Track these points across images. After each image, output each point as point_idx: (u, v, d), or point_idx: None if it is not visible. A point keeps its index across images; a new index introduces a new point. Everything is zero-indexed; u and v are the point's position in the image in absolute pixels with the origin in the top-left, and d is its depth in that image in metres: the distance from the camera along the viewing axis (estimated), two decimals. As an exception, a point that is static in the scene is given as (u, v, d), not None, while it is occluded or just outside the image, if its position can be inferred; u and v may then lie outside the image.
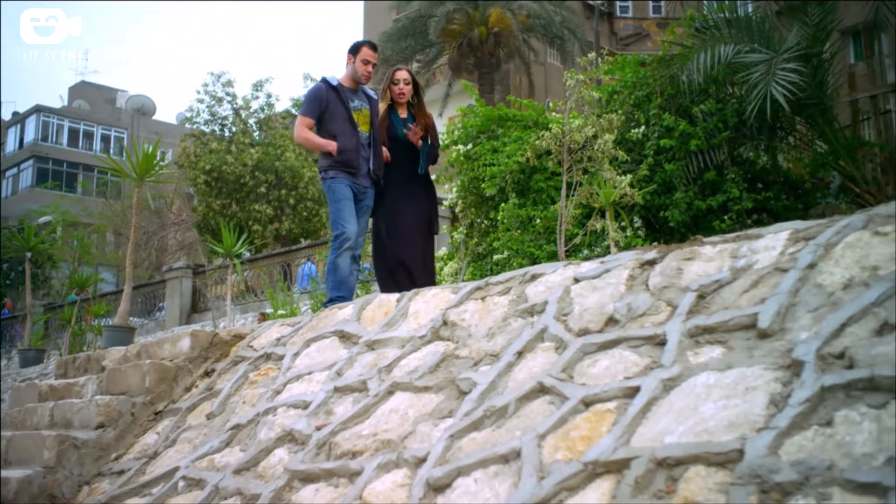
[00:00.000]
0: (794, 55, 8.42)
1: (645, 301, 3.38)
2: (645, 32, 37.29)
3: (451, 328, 4.18)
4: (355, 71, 6.62)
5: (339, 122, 6.49)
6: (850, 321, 2.61)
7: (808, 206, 9.89)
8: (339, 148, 6.41)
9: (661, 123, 8.84)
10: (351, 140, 6.47)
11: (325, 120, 6.52)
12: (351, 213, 6.46)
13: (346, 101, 6.55)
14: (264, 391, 4.69)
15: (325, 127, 6.53)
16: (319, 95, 6.53)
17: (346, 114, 6.51)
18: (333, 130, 6.48)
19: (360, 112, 6.61)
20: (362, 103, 6.67)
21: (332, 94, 6.54)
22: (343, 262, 6.46)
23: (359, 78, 6.64)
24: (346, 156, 6.43)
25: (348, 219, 6.43)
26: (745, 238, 3.43)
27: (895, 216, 2.99)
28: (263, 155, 26.67)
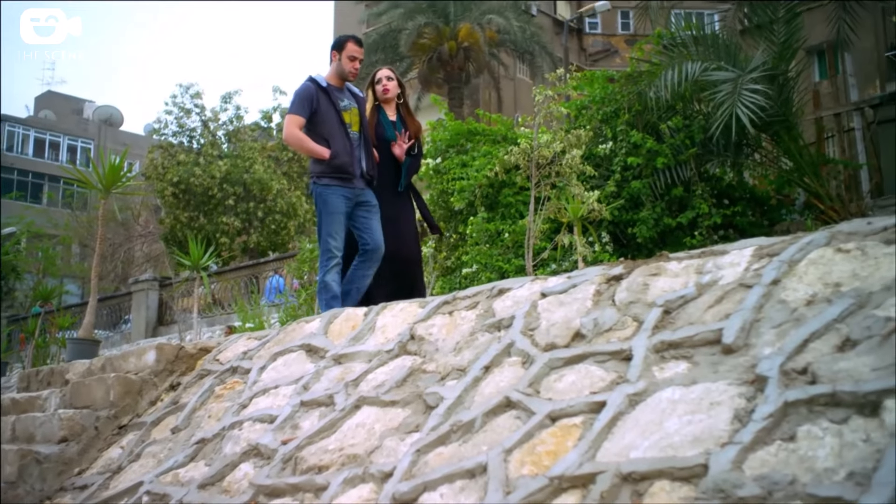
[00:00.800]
0: (760, 74, 8.52)
1: (611, 316, 3.40)
2: (613, 49, 37.60)
3: (418, 342, 4.18)
4: (341, 68, 6.31)
5: (330, 125, 6.17)
6: (812, 337, 2.64)
7: (773, 222, 10.00)
8: (332, 153, 6.09)
9: (629, 140, 8.91)
10: (344, 144, 6.15)
11: (316, 122, 6.18)
12: (341, 227, 6.14)
13: (335, 102, 6.23)
14: (230, 405, 4.66)
15: (315, 129, 6.20)
16: (309, 94, 6.18)
17: (336, 116, 6.19)
18: (324, 133, 6.16)
19: (349, 111, 6.29)
20: (350, 102, 6.36)
21: (322, 94, 6.22)
22: (332, 279, 6.10)
23: (346, 75, 6.34)
24: (339, 160, 6.10)
25: (337, 234, 6.12)
26: (711, 254, 3.46)
27: (857, 233, 3.03)
28: (232, 167, 26.58)
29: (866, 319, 2.59)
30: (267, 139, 29.42)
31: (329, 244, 6.10)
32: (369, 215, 6.22)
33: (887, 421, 2.19)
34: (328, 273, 6.09)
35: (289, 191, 27.41)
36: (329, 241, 6.10)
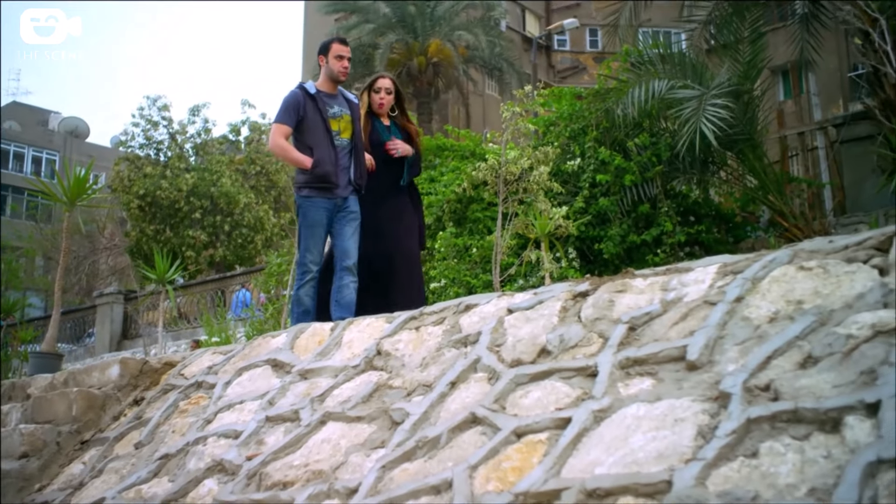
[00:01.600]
0: (724, 91, 8.61)
1: (577, 333, 3.41)
2: (582, 66, 37.85)
3: (384, 358, 4.17)
4: (331, 70, 6.17)
5: (315, 133, 6.02)
6: (775, 354, 2.67)
7: (738, 239, 10.10)
8: (314, 161, 5.94)
9: (597, 157, 8.97)
10: (328, 152, 5.99)
11: (302, 130, 6.04)
12: (319, 241, 6.03)
13: (323, 111, 6.07)
14: (194, 420, 4.62)
15: (300, 138, 6.06)
16: (296, 102, 6.05)
17: (323, 124, 6.03)
18: (309, 142, 6.02)
19: (339, 118, 6.13)
20: (342, 108, 6.19)
21: (310, 102, 6.07)
22: (305, 293, 5.99)
23: (336, 76, 6.18)
24: (322, 169, 5.93)
25: (314, 248, 6.01)
26: (676, 271, 3.49)
27: (819, 252, 3.07)
28: (199, 180, 26.40)
29: (827, 337, 2.62)
30: (235, 152, 29.28)
31: (305, 258, 6.01)
32: (345, 222, 6.07)
33: (848, 437, 2.22)
34: (302, 287, 5.99)
35: (256, 204, 27.25)
36: (305, 255, 6.01)
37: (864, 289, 2.77)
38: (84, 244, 31.59)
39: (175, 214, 26.35)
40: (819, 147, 13.20)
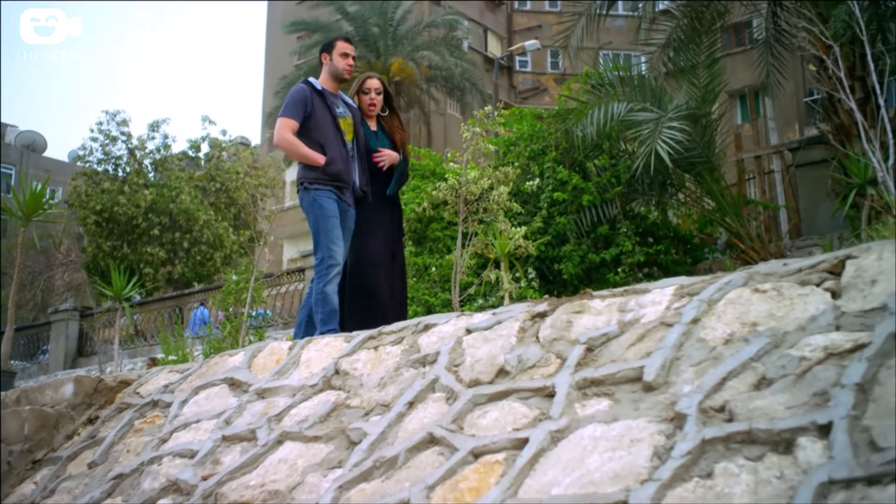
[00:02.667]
0: (682, 114, 8.72)
1: (535, 353, 3.42)
2: (543, 87, 38.16)
3: (342, 377, 4.15)
4: (335, 68, 5.99)
5: (325, 131, 5.78)
6: (730, 375, 2.70)
7: (696, 260, 10.20)
8: (328, 159, 5.71)
9: (556, 177, 9.03)
10: (340, 151, 5.78)
11: (310, 127, 5.79)
12: (339, 233, 5.72)
13: (332, 107, 5.87)
14: (150, 439, 4.57)
15: (308, 135, 5.78)
16: (304, 96, 5.81)
17: (332, 121, 5.82)
18: (319, 139, 5.77)
19: (344, 119, 5.93)
20: (345, 110, 5.99)
21: (317, 98, 5.85)
22: (332, 290, 5.66)
23: (340, 74, 6.00)
24: (335, 168, 5.73)
25: (336, 240, 5.68)
26: (633, 292, 3.51)
27: (774, 274, 3.11)
28: (158, 196, 26.18)
29: (781, 359, 2.65)
30: (195, 169, 29.09)
31: (331, 251, 5.67)
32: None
33: (800, 458, 2.24)
34: (328, 283, 5.66)
35: (216, 222, 27.08)
36: (331, 247, 5.68)
37: (816, 311, 2.81)
38: (39, 260, 31.20)
39: (133, 231, 26.10)
40: (775, 170, 13.41)
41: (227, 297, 13.40)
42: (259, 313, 12.90)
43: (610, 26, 12.13)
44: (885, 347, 2.46)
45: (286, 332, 15.43)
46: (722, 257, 10.23)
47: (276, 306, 17.93)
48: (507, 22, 40.44)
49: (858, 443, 2.18)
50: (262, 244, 11.06)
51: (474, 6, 37.98)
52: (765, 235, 10.68)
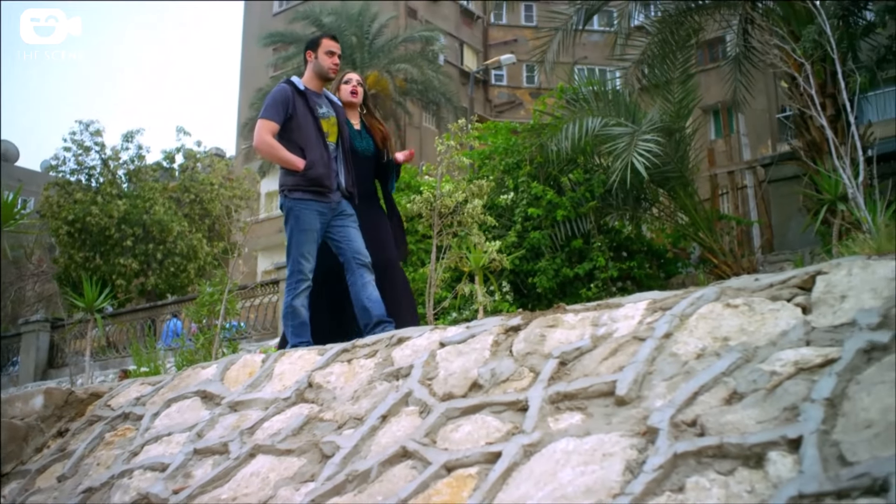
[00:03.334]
0: (656, 129, 8.78)
1: (508, 367, 3.43)
2: (518, 101, 38.30)
3: (316, 390, 4.14)
4: (320, 66, 5.81)
5: (306, 133, 5.60)
6: (702, 390, 2.71)
7: (669, 275, 10.26)
8: (308, 163, 5.53)
9: (530, 191, 9.06)
10: (321, 154, 5.61)
11: (291, 128, 5.60)
12: (314, 246, 5.57)
13: (314, 108, 5.69)
14: (120, 452, 4.53)
15: (289, 137, 5.61)
16: (285, 97, 5.64)
17: (314, 123, 5.64)
18: (300, 142, 5.59)
19: (327, 120, 5.75)
20: (329, 110, 5.81)
21: (299, 98, 5.67)
22: (301, 303, 5.53)
23: (325, 72, 5.82)
24: (315, 172, 5.54)
25: (308, 254, 5.53)
26: (606, 307, 3.53)
27: (745, 289, 3.14)
28: (131, 207, 25.99)
29: (752, 373, 2.67)
30: (169, 180, 28.93)
31: (301, 265, 5.54)
32: (345, 223, 5.70)
33: (771, 472, 2.26)
34: (297, 297, 5.54)
35: (190, 233, 26.91)
36: (301, 261, 5.54)
37: (787, 326, 2.84)
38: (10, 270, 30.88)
39: (105, 242, 25.88)
40: (748, 186, 13.54)
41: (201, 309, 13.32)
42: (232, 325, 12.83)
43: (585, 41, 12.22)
44: (854, 363, 2.48)
45: (260, 344, 15.36)
46: (695, 272, 10.30)
47: (250, 318, 17.86)
48: (483, 36, 40.61)
49: (828, 457, 2.20)
50: (236, 256, 11.02)
51: (450, 20, 38.15)
52: (738, 250, 10.77)
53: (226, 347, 9.85)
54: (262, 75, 34.81)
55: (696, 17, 11.26)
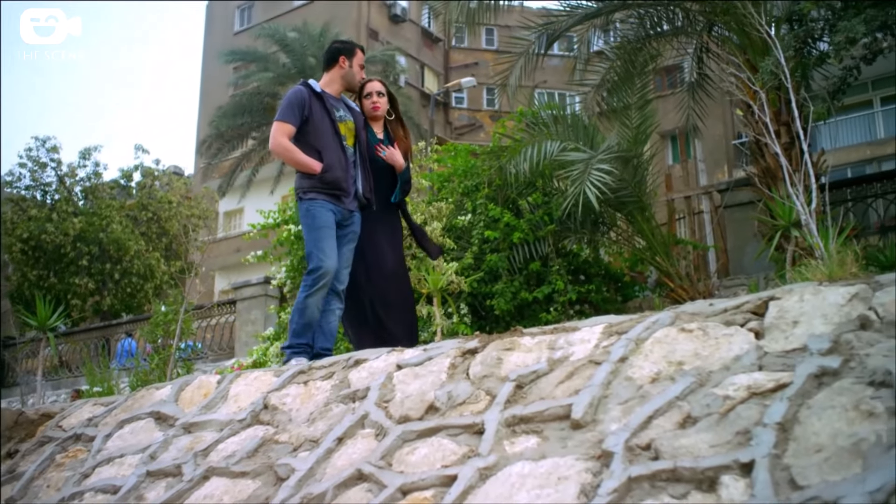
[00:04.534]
0: (613, 155, 8.86)
1: (465, 390, 3.43)
2: (479, 123, 38.44)
3: (271, 412, 4.11)
4: (352, 77, 5.73)
5: (323, 135, 5.47)
6: (656, 414, 2.73)
7: (626, 298, 10.32)
8: (325, 166, 5.40)
9: (488, 213, 9.08)
10: (338, 157, 5.48)
11: (307, 131, 5.47)
12: (332, 243, 5.38)
13: (331, 111, 5.55)
14: (71, 474, 4.46)
15: (306, 140, 5.47)
16: (301, 99, 5.49)
17: (331, 126, 5.51)
18: (317, 144, 5.45)
19: (344, 123, 5.62)
20: (346, 114, 5.68)
21: (316, 101, 5.53)
22: (314, 302, 5.35)
23: (355, 85, 5.77)
24: (332, 175, 5.42)
25: (327, 250, 5.33)
26: (563, 330, 3.55)
27: (700, 314, 3.18)
28: (87, 225, 25.67)
29: (706, 397, 2.70)
30: (126, 198, 28.65)
31: (320, 260, 5.32)
32: (344, 241, 5.55)
33: (724, 496, 2.28)
34: (312, 294, 5.34)
35: (147, 252, 26.64)
36: (319, 256, 5.32)
37: (740, 351, 2.87)
38: (-39, 287, 30.37)
39: (60, 260, 25.52)
40: (704, 211, 13.68)
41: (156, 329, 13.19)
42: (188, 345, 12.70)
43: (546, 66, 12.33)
44: (805, 387, 2.52)
45: (216, 364, 15.23)
46: (652, 295, 10.37)
47: (206, 338, 17.70)
48: (445, 59, 40.77)
49: (779, 481, 2.22)
50: (193, 275, 10.92)
51: (412, 42, 38.27)
52: (694, 274, 10.86)
53: (181, 368, 9.75)
54: (222, 93, 34.67)
55: (654, 44, 11.41)
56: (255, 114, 28.39)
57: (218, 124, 28.62)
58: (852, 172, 23.99)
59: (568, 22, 11.32)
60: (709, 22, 11.01)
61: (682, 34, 11.63)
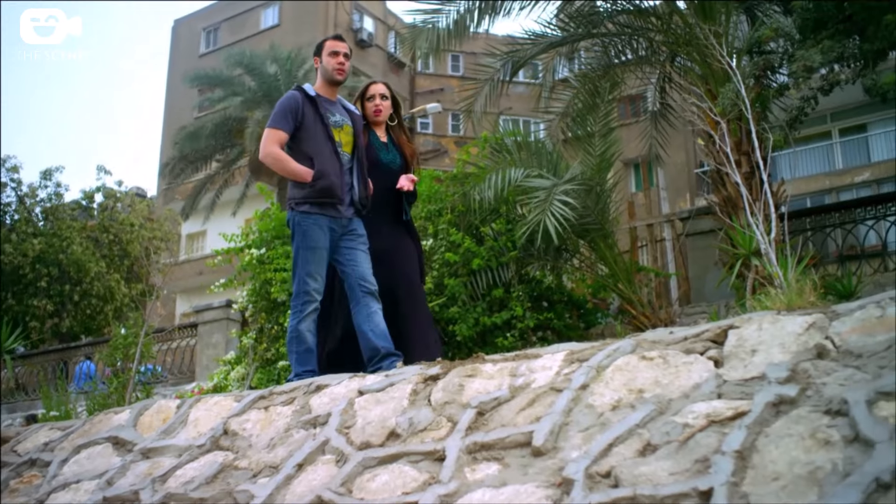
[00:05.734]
0: (576, 182, 8.92)
1: (427, 416, 3.43)
2: (444, 149, 38.56)
3: (231, 438, 4.08)
4: (325, 70, 5.48)
5: (316, 141, 5.27)
6: (616, 441, 2.75)
7: (589, 325, 10.35)
8: (316, 174, 5.18)
9: (449, 238, 9.09)
10: (332, 163, 5.26)
11: (300, 138, 5.28)
12: (322, 264, 5.19)
13: (324, 116, 5.35)
14: (25, 500, 4.39)
15: (298, 146, 5.28)
16: (294, 105, 5.30)
17: (324, 131, 5.31)
18: (309, 151, 5.25)
19: (340, 129, 5.40)
20: (343, 118, 5.46)
21: (309, 105, 5.34)
22: (307, 328, 5.14)
23: (332, 75, 5.47)
24: (325, 182, 5.18)
25: (315, 274, 5.14)
26: (525, 357, 3.56)
27: (660, 342, 3.20)
28: (47, 246, 25.36)
29: (666, 425, 2.72)
30: (88, 219, 28.37)
31: (307, 284, 5.14)
32: (355, 244, 5.33)
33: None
34: (302, 321, 5.14)
35: (107, 274, 26.35)
36: (307, 281, 5.14)
37: (700, 379, 2.90)
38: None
39: (19, 281, 25.17)
40: (666, 238, 13.79)
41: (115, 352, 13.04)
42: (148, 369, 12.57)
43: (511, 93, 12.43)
44: (763, 415, 2.54)
45: (176, 388, 15.07)
46: (614, 322, 10.42)
47: (167, 362, 17.53)
48: (410, 84, 40.92)
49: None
50: (154, 298, 10.83)
51: (378, 68, 38.38)
52: (656, 302, 10.93)
53: (140, 392, 9.64)
54: (186, 115, 34.56)
55: (618, 73, 11.53)
56: (219, 136, 28.29)
57: (182, 147, 28.47)
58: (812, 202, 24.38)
59: (533, 50, 11.42)
60: (671, 52, 11.16)
61: (646, 63, 11.78)
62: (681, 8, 10.66)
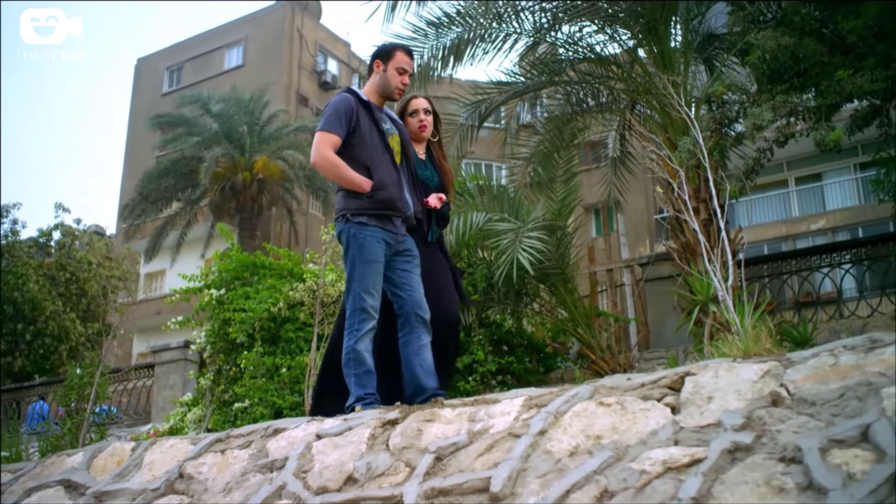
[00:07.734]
0: (539, 226, 8.99)
1: (385, 461, 3.41)
2: (407, 192, 38.65)
3: (187, 481, 4.03)
4: (387, 82, 5.01)
5: (372, 149, 4.83)
6: (574, 487, 2.75)
7: (548, 369, 10.39)
8: (376, 184, 4.75)
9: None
10: (391, 174, 4.84)
11: (354, 144, 4.83)
12: (378, 280, 4.75)
13: (378, 122, 4.93)
14: (-27, 545, 4.30)
15: (351, 154, 4.83)
16: (348, 107, 4.86)
17: (380, 139, 4.88)
18: (364, 159, 4.81)
19: (392, 137, 4.99)
20: (391, 127, 5.04)
21: (363, 110, 4.90)
22: (365, 347, 4.68)
23: (391, 92, 5.02)
24: (385, 194, 4.76)
25: (372, 289, 4.72)
26: (483, 402, 3.57)
27: (618, 388, 3.22)
28: (2, 284, 25.01)
29: (623, 472, 2.73)
30: (45, 257, 28.04)
31: (364, 301, 4.70)
32: (409, 268, 4.89)
33: (638, 572, 2.30)
34: (360, 340, 4.69)
35: (63, 313, 25.98)
36: (364, 297, 4.70)
37: (657, 426, 2.92)
38: None
39: (-29, 320, 24.77)
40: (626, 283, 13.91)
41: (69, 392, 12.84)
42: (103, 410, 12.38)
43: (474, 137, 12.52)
44: (719, 462, 2.57)
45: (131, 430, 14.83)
46: (573, 367, 10.46)
47: (122, 402, 17.27)
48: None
49: (692, 557, 2.25)
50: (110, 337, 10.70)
51: (342, 109, 38.50)
52: (615, 346, 10.99)
53: (94, 433, 9.49)
54: (147, 155, 34.41)
55: (580, 119, 11.68)
56: (181, 176, 28.22)
57: (142, 187, 28.37)
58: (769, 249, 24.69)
59: (499, 98, 11.54)
60: (632, 100, 11.33)
61: (607, 111, 11.94)
62: (641, 57, 10.85)
